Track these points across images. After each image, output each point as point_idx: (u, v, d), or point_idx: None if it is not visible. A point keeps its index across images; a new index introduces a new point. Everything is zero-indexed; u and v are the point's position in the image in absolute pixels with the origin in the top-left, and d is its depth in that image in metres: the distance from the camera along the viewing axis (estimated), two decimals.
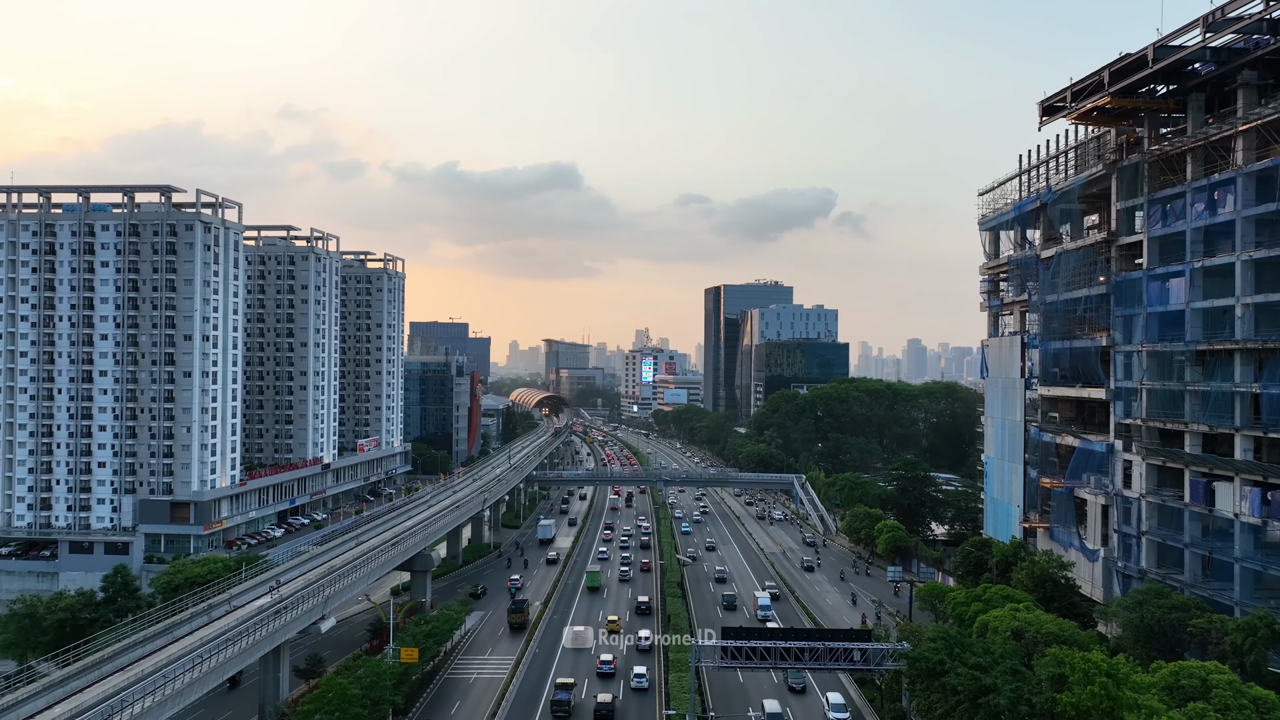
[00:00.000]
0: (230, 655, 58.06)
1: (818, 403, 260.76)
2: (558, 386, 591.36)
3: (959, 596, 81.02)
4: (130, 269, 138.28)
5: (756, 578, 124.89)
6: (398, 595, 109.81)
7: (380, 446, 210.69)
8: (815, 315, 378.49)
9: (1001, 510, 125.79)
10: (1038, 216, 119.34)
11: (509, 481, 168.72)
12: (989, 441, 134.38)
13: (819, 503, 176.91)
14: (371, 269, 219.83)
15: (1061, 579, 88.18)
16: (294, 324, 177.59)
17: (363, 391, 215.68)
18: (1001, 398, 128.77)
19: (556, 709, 69.99)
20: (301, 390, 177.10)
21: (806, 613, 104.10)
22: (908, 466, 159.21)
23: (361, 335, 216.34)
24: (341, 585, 76.51)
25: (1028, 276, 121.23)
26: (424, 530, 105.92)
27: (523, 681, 77.72)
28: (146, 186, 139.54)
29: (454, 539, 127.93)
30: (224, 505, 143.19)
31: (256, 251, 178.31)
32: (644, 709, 72.33)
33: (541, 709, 71.62)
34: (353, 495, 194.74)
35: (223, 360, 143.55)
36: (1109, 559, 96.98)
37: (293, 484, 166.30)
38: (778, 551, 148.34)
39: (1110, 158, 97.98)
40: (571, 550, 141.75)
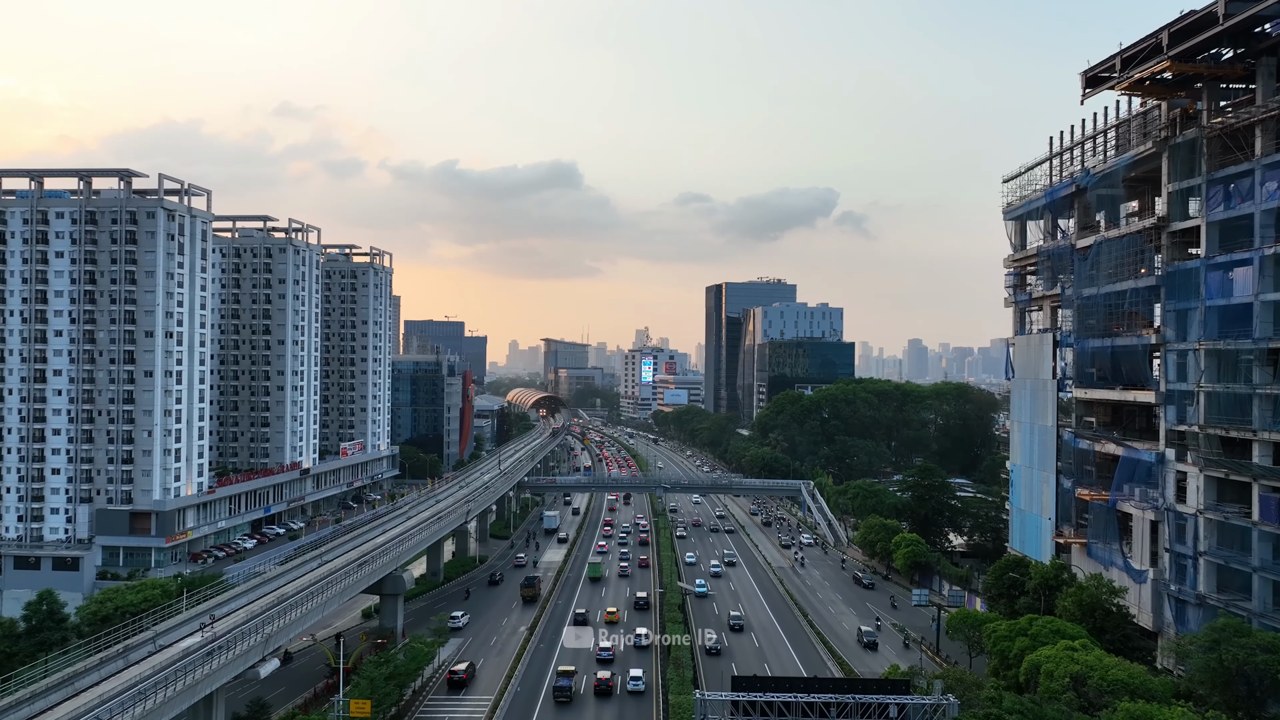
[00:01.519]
0: (139, 716, 47.86)
1: (823, 404, 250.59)
2: (556, 386, 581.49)
3: (1000, 629, 70.74)
4: (87, 259, 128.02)
5: (776, 618, 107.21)
6: (370, 618, 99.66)
7: (365, 450, 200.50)
8: (820, 314, 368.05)
9: (1030, 523, 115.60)
10: (1071, 203, 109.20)
11: (497, 489, 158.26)
12: (1015, 448, 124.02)
13: (829, 511, 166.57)
14: (357, 263, 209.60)
15: (1113, 607, 77.89)
16: (271, 320, 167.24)
17: (347, 392, 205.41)
18: (1030, 400, 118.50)
19: (559, 694, 75.67)
20: (279, 391, 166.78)
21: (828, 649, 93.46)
22: (924, 473, 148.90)
23: (346, 333, 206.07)
24: (288, 620, 66.13)
25: (1060, 269, 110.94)
26: (396, 548, 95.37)
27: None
28: (104, 170, 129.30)
29: (435, 553, 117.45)
30: (189, 515, 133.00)
31: (232, 244, 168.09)
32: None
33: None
34: (335, 502, 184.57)
35: (188, 358, 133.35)
36: (1159, 581, 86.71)
37: (268, 491, 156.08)
38: (787, 566, 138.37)
39: (1161, 134, 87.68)
40: (562, 568, 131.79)
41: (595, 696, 76.18)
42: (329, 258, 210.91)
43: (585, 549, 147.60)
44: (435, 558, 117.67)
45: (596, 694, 76.65)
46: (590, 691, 77.16)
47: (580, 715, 72.69)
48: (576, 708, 74.06)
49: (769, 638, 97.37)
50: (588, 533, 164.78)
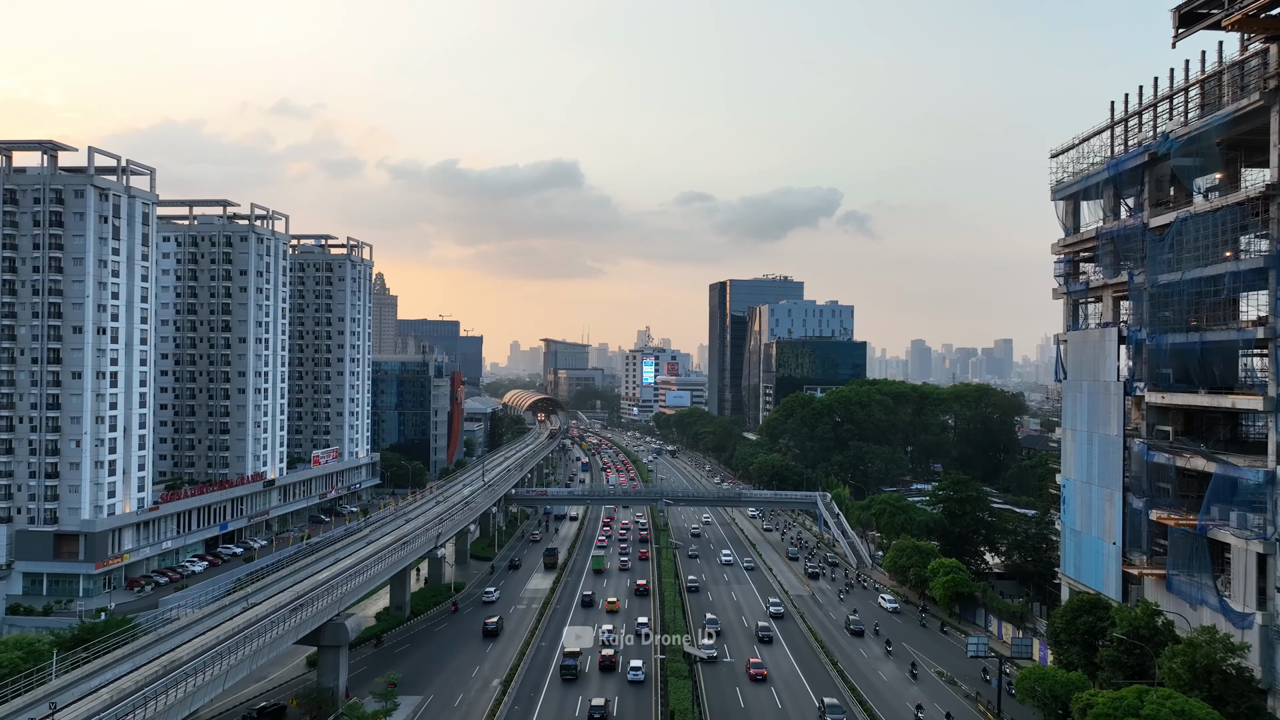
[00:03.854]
0: None
1: (835, 407, 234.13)
2: (555, 388, 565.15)
3: (1100, 705, 54.52)
4: (6, 245, 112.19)
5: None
6: (315, 665, 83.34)
7: (341, 458, 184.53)
8: (829, 312, 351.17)
9: (1088, 546, 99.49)
10: (1141, 176, 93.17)
11: (477, 505, 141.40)
12: (1068, 460, 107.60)
13: (850, 529, 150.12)
14: (334, 255, 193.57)
15: (1231, 669, 61.85)
16: (232, 316, 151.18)
17: (322, 395, 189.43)
18: (1087, 405, 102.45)
19: (565, 673, 79.51)
20: (240, 394, 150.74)
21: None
22: (956, 485, 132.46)
23: (321, 330, 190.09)
24: (171, 701, 50.18)
25: (1128, 252, 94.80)
26: (339, 588, 78.61)
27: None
28: (25, 143, 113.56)
29: (399, 583, 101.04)
30: (126, 536, 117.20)
31: (188, 232, 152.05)
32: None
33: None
34: (305, 516, 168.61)
35: (125, 357, 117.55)
36: (1270, 628, 70.77)
37: (225, 505, 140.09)
38: (805, 594, 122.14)
39: (1270, 83, 71.69)
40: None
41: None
42: (303, 249, 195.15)
43: (575, 579, 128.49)
44: (400, 588, 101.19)
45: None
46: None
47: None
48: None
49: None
50: (581, 551, 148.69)
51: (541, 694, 76.22)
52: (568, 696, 75.50)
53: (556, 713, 72.16)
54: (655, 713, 71.67)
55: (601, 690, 77.07)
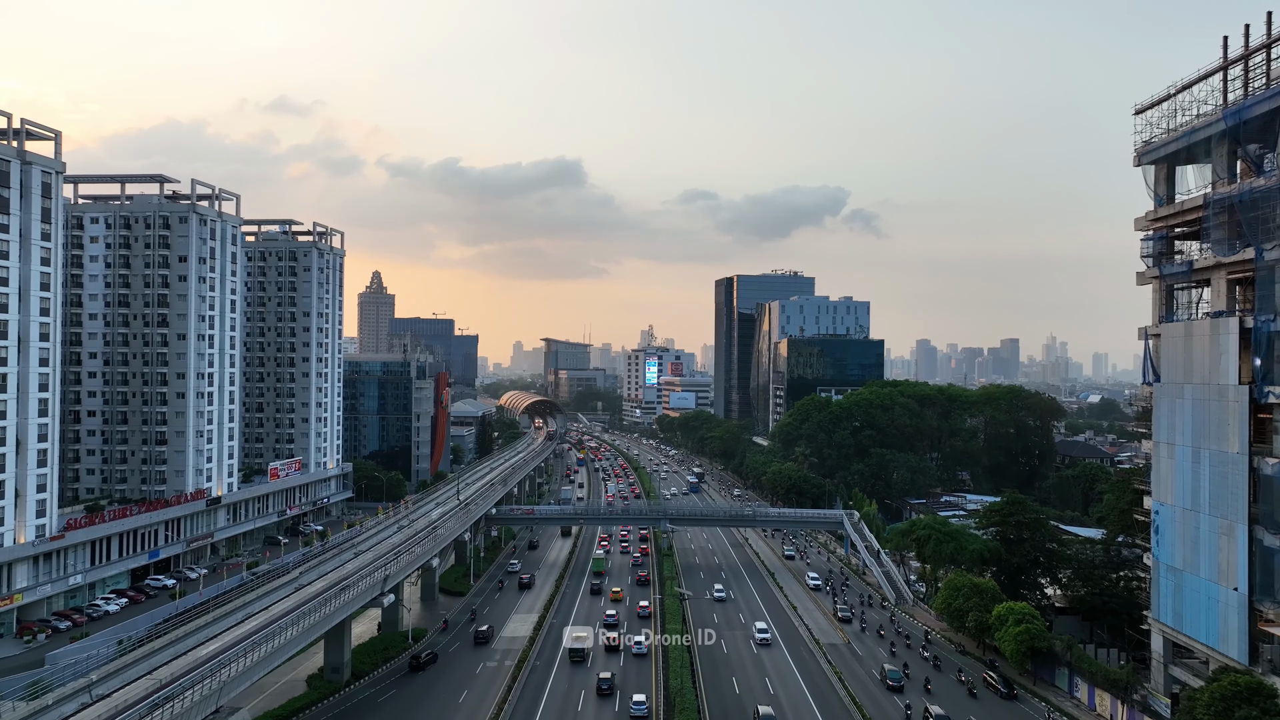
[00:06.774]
0: None
1: (855, 411, 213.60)
2: (555, 389, 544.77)
3: None
4: None
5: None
6: None
7: (307, 469, 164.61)
8: (843, 308, 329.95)
9: (1194, 591, 79.56)
10: (1275, 124, 73.37)
11: (446, 533, 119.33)
12: (1162, 480, 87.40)
13: (885, 556, 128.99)
14: (300, 243, 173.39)
15: None
16: (169, 310, 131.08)
17: (285, 399, 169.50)
18: (1191, 413, 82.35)
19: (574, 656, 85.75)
20: (179, 399, 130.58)
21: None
22: (1012, 506, 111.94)
23: (284, 327, 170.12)
24: None
25: (1255, 223, 74.77)
26: (227, 669, 57.95)
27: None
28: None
29: (336, 640, 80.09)
30: (20, 571, 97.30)
31: (119, 212, 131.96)
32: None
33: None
34: (262, 537, 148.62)
35: (19, 356, 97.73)
36: None
37: (156, 529, 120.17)
38: (841, 644, 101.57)
39: None
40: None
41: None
42: (265, 236, 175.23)
43: (562, 620, 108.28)
44: (337, 647, 79.85)
45: None
46: None
47: None
48: None
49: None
50: (571, 582, 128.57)
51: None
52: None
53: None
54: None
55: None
